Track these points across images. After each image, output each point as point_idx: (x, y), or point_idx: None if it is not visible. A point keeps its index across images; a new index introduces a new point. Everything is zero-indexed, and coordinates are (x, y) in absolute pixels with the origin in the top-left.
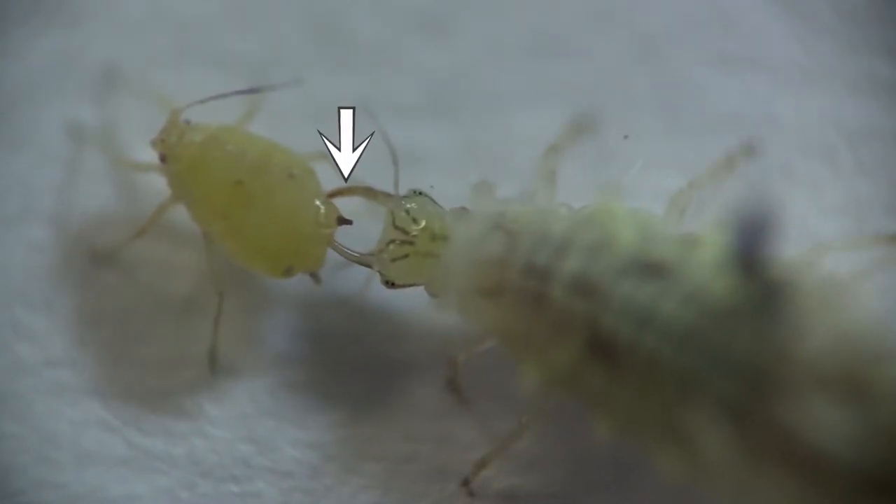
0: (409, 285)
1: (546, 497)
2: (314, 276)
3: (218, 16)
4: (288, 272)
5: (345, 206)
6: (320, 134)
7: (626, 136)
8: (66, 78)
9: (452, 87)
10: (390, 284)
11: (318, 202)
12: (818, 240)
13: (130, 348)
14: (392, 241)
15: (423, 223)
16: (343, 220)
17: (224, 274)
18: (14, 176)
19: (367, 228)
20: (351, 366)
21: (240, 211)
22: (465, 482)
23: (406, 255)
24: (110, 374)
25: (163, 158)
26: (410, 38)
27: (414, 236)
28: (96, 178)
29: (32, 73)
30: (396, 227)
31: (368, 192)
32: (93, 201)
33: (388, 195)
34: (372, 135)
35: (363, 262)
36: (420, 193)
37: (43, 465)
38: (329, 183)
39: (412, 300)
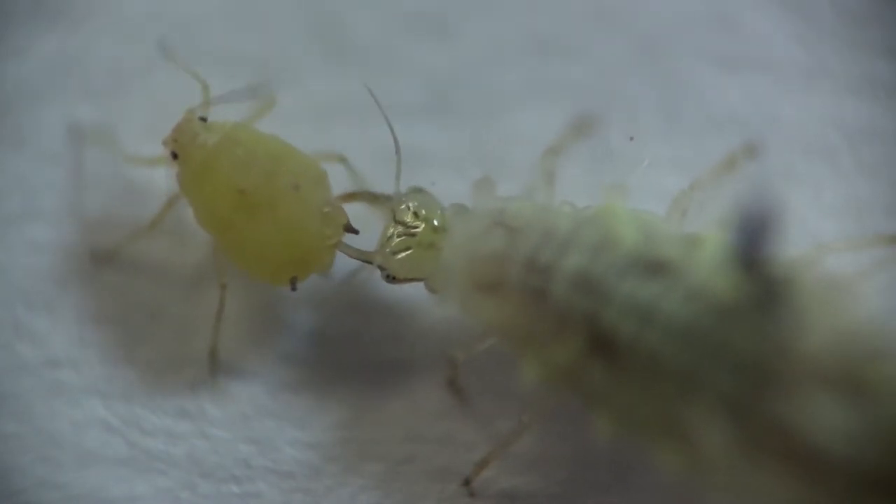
0: (411, 280)
1: (547, 497)
2: (323, 274)
3: (218, 16)
4: (292, 282)
5: (351, 208)
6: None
7: (631, 138)
8: (67, 78)
9: (452, 87)
10: (391, 279)
11: (326, 209)
12: (819, 240)
13: (131, 348)
14: (394, 235)
15: (424, 217)
16: (350, 229)
17: (227, 268)
18: (15, 176)
19: (374, 231)
20: (351, 366)
21: (243, 220)
22: (466, 482)
23: (408, 248)
24: (111, 374)
25: (174, 156)
26: (410, 38)
27: (415, 229)
28: (97, 179)
29: (33, 74)
30: (398, 222)
31: (369, 197)
32: (93, 201)
33: (388, 196)
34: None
35: (365, 258)
36: (420, 190)
37: (43, 465)
38: (340, 184)
39: (413, 300)
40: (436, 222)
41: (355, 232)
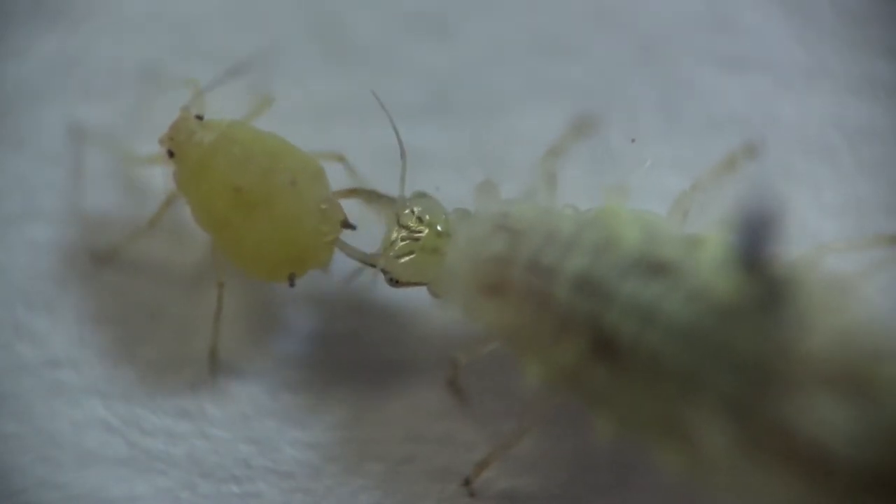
0: (414, 284)
1: (547, 498)
2: (322, 270)
3: (218, 16)
4: (291, 279)
5: (352, 207)
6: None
7: (633, 140)
8: (68, 78)
9: (453, 87)
10: (395, 283)
11: (323, 206)
12: (819, 240)
13: (131, 348)
14: (398, 239)
15: (428, 222)
16: (347, 225)
17: (225, 266)
18: (15, 176)
19: (373, 230)
20: (351, 366)
21: (240, 217)
22: (467, 483)
23: (411, 253)
24: (111, 374)
25: (171, 154)
26: (411, 38)
27: (419, 234)
28: (97, 178)
29: (34, 73)
30: (402, 226)
31: (371, 196)
32: (94, 201)
33: (390, 198)
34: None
35: (367, 260)
36: (425, 195)
37: (44, 465)
38: (339, 184)
39: (414, 301)
40: (440, 227)
41: (352, 228)
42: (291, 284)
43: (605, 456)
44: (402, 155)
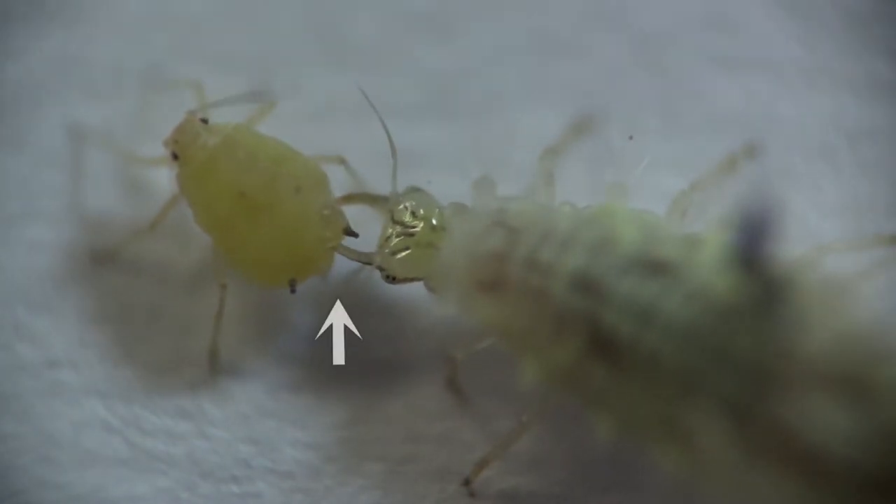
0: (411, 280)
1: (547, 497)
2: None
3: (219, 16)
4: (291, 284)
5: (354, 212)
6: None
7: (631, 137)
8: (68, 78)
9: (452, 87)
10: (391, 279)
11: (325, 212)
12: (818, 240)
13: (130, 348)
14: (392, 235)
15: (422, 216)
16: (349, 232)
17: (225, 268)
18: (15, 176)
19: (373, 232)
20: (351, 366)
21: (243, 222)
22: (466, 482)
23: (407, 248)
24: (111, 374)
25: (174, 156)
26: (410, 38)
27: (414, 229)
28: (98, 179)
29: (34, 74)
30: (396, 222)
31: (367, 198)
32: (94, 201)
33: (384, 196)
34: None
35: (364, 259)
36: (418, 189)
37: (43, 466)
38: (339, 186)
39: (413, 300)
40: (434, 221)
41: (355, 235)
42: (293, 290)
43: (605, 454)
44: (393, 152)
